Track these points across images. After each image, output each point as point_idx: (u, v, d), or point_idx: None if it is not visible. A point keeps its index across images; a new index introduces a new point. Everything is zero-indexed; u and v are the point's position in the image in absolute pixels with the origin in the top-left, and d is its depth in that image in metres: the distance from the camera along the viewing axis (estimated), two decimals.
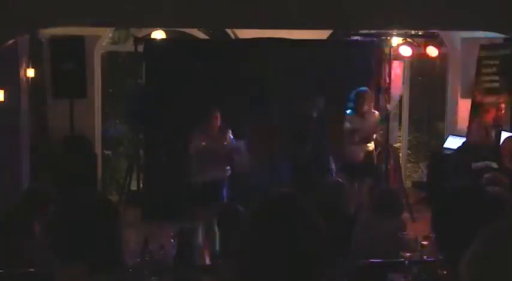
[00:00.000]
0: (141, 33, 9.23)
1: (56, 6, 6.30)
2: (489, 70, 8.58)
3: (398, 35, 8.98)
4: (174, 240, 3.99)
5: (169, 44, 8.98)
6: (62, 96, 8.52)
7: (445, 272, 2.70)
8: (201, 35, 9.73)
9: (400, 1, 6.60)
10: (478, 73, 8.73)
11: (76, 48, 8.40)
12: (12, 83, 7.52)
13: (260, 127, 8.54)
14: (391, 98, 9.18)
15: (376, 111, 8.04)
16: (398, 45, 9.08)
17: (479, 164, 7.32)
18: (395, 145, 9.80)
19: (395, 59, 9.38)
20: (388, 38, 8.93)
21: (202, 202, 6.83)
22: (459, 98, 9.49)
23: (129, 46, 9.33)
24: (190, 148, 7.05)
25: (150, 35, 9.14)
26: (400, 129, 10.32)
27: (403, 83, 10.08)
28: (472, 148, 7.78)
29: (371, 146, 7.94)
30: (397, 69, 9.81)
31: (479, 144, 8.08)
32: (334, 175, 7.63)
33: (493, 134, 8.13)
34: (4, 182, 7.18)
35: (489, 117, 8.43)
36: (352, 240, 4.92)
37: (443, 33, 9.31)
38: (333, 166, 7.79)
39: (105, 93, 9.72)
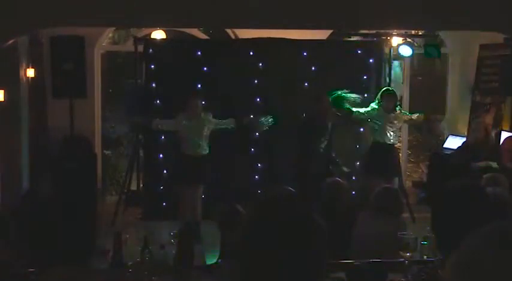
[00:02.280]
0: (141, 33, 9.23)
1: (56, 6, 6.31)
2: (489, 70, 8.58)
3: (398, 35, 8.98)
4: (174, 240, 3.99)
5: (169, 44, 8.99)
6: (62, 96, 8.51)
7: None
8: (201, 35, 9.73)
9: (400, 1, 6.61)
10: (478, 73, 8.73)
11: (76, 48, 8.39)
12: (12, 83, 7.52)
13: (260, 127, 8.54)
14: None
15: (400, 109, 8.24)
16: (398, 45, 9.08)
17: (480, 163, 7.32)
18: (395, 145, 9.79)
19: (396, 59, 9.39)
20: (388, 38, 8.94)
21: (187, 178, 7.43)
22: (459, 98, 9.49)
23: (129, 46, 9.33)
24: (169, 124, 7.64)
25: (150, 35, 9.14)
26: (400, 129, 10.30)
27: (402, 83, 10.08)
28: (472, 148, 7.78)
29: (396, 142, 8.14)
30: (397, 69, 9.81)
31: (479, 144, 8.08)
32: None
33: (493, 134, 8.13)
34: (4, 182, 7.18)
35: (489, 117, 8.43)
36: (352, 240, 4.93)
37: (443, 33, 9.31)
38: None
39: (105, 93, 9.72)
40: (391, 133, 8.05)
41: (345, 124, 8.17)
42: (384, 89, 8.15)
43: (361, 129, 8.64)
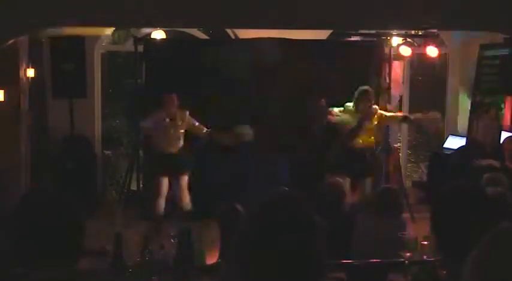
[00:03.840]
0: (141, 33, 9.23)
1: (56, 6, 6.31)
2: (489, 70, 8.57)
3: (398, 35, 8.98)
4: (174, 240, 3.98)
5: (169, 44, 8.98)
6: (62, 96, 8.52)
7: (444, 272, 2.71)
8: (201, 35, 9.73)
9: (400, 1, 6.61)
10: (478, 73, 8.73)
11: (76, 48, 8.39)
12: (12, 83, 7.52)
13: (260, 127, 8.54)
14: (391, 98, 9.18)
15: (376, 107, 7.65)
16: (399, 45, 9.08)
17: (483, 162, 7.30)
18: (395, 145, 9.80)
19: (396, 59, 9.39)
20: (388, 38, 8.93)
21: (164, 171, 7.69)
22: (459, 98, 9.49)
23: (129, 46, 9.34)
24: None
25: (150, 35, 9.14)
26: (400, 129, 10.31)
27: (403, 83, 10.08)
28: (472, 148, 7.78)
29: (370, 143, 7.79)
30: (397, 69, 9.81)
31: (479, 144, 8.08)
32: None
33: (493, 134, 8.13)
34: (4, 182, 7.18)
35: (489, 117, 8.43)
36: (352, 240, 4.92)
37: (443, 33, 9.31)
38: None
39: (105, 93, 9.72)
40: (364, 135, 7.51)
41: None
42: (360, 88, 7.60)
43: None
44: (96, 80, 9.13)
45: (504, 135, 7.96)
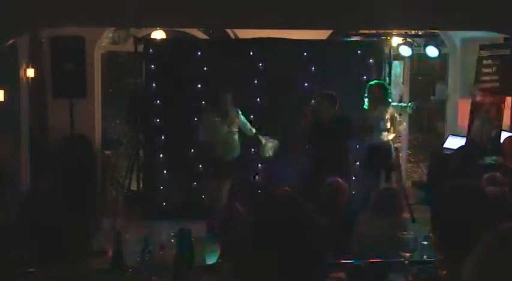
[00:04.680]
0: (141, 33, 9.23)
1: (56, 6, 6.31)
2: (489, 70, 8.56)
3: (398, 35, 8.98)
4: (174, 240, 3.98)
5: (169, 44, 8.99)
6: (62, 96, 8.52)
7: (444, 272, 2.71)
8: (201, 35, 9.73)
9: (400, 1, 6.61)
10: (478, 73, 8.72)
11: (76, 48, 8.39)
12: (12, 83, 7.52)
13: (260, 127, 8.54)
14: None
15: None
16: (399, 45, 9.08)
17: (487, 159, 7.30)
18: (395, 145, 9.79)
19: (395, 59, 9.38)
20: (388, 38, 8.94)
21: (227, 175, 7.60)
22: (459, 98, 9.48)
23: (129, 46, 9.34)
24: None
25: (150, 35, 9.15)
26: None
27: (403, 83, 10.07)
28: (472, 147, 7.77)
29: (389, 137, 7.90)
30: (397, 69, 9.81)
31: (479, 144, 8.08)
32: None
33: (493, 134, 8.13)
34: (4, 182, 7.18)
35: (489, 117, 8.43)
36: (351, 240, 4.93)
37: (443, 33, 9.30)
38: None
39: (105, 93, 9.72)
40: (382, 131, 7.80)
41: None
42: (370, 82, 7.86)
43: None
44: (96, 80, 9.12)
45: (504, 135, 7.95)
